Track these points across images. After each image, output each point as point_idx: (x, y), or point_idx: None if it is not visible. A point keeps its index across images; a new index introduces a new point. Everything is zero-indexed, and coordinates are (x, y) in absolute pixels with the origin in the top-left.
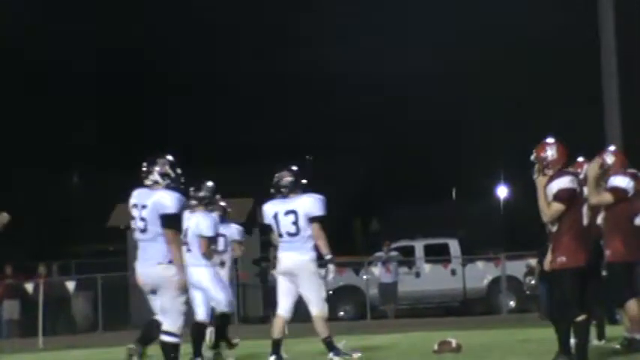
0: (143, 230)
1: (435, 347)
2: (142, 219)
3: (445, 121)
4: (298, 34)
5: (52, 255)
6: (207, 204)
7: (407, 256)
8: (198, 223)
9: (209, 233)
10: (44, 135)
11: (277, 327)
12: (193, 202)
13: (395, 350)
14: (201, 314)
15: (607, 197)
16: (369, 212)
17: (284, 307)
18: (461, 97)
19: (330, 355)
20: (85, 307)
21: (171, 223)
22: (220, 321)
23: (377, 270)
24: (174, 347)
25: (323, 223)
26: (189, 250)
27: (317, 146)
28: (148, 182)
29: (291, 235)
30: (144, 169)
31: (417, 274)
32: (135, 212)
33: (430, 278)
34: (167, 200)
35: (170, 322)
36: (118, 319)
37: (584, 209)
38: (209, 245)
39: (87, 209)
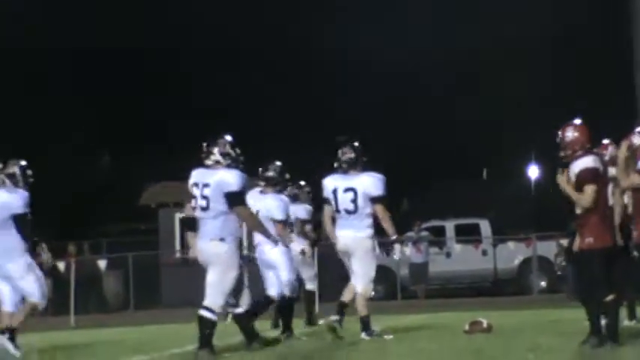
0: (205, 208)
1: (466, 327)
2: (204, 197)
3: (477, 101)
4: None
5: (83, 234)
6: (275, 184)
7: (437, 237)
8: (268, 206)
9: (280, 216)
10: (75, 114)
11: (348, 291)
12: (262, 182)
13: (425, 330)
14: (272, 292)
15: (636, 179)
16: (400, 192)
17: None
18: (493, 78)
19: (363, 334)
20: (117, 285)
21: (239, 200)
22: (281, 303)
23: (408, 250)
24: (211, 324)
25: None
26: None
27: (348, 125)
28: (209, 162)
29: (348, 212)
30: (204, 149)
31: (448, 255)
32: (195, 191)
33: (461, 258)
34: (230, 178)
35: (212, 298)
36: (150, 298)
37: (610, 190)
38: (284, 228)
39: (118, 188)
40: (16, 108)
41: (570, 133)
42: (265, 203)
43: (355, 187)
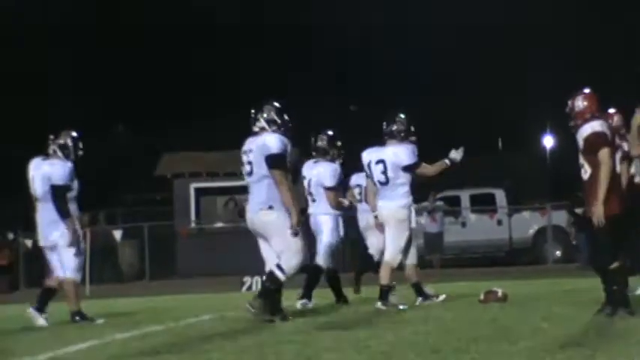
0: (250, 173)
1: (481, 297)
2: (249, 163)
3: (491, 70)
4: None
5: (98, 204)
6: (325, 153)
7: (453, 206)
8: (319, 173)
9: (329, 183)
10: (91, 82)
11: (411, 271)
12: (313, 152)
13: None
14: (320, 261)
15: None
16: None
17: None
18: (507, 46)
19: (379, 303)
20: (132, 255)
21: (277, 163)
22: (312, 272)
23: (423, 220)
24: (277, 282)
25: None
26: (313, 200)
27: (363, 96)
28: (255, 129)
29: (381, 183)
30: (252, 115)
31: (463, 224)
32: (244, 158)
33: (476, 228)
34: (270, 141)
35: (287, 261)
36: (165, 268)
37: (617, 157)
38: (335, 195)
39: (133, 158)
40: (30, 76)
41: (580, 102)
42: (317, 171)
43: (384, 158)
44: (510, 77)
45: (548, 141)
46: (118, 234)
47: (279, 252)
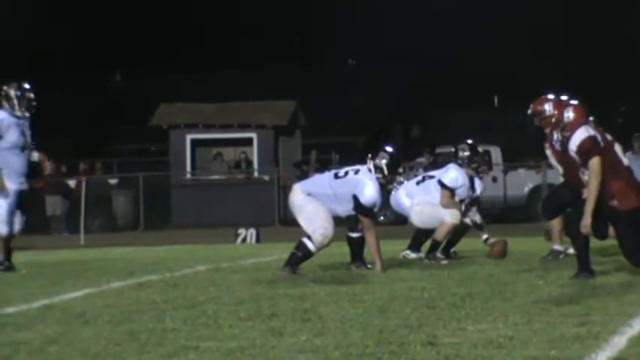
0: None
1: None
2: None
3: (489, 27)
4: None
5: (94, 153)
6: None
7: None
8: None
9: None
10: (88, 34)
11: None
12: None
13: None
14: None
15: None
16: (411, 118)
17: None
18: (504, 6)
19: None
20: (127, 205)
21: (367, 213)
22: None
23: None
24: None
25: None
26: None
27: (360, 51)
28: (365, 166)
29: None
30: (368, 156)
31: None
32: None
33: None
34: (366, 190)
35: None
36: (159, 219)
37: (619, 149)
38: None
39: (129, 108)
40: (28, 28)
41: (570, 114)
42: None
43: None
44: (508, 33)
45: None
46: (113, 183)
47: None
